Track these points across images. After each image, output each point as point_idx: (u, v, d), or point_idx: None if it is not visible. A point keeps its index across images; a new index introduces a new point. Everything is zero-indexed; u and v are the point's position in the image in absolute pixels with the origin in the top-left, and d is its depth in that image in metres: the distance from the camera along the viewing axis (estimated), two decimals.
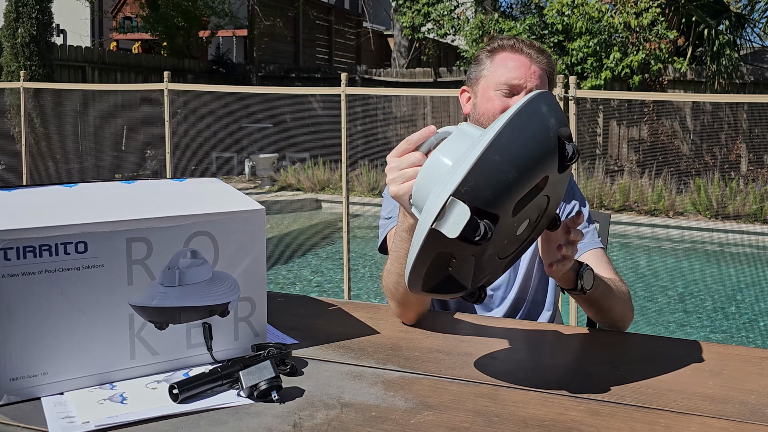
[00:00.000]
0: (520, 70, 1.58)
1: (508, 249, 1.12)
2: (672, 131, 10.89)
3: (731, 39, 10.64)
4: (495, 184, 0.98)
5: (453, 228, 0.97)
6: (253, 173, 11.67)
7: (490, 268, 1.11)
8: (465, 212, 0.97)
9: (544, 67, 1.60)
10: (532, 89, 1.55)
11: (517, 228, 1.08)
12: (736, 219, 8.68)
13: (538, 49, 1.62)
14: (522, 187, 1.00)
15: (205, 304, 1.17)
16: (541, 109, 1.01)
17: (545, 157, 1.01)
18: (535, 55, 1.60)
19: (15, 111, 9.51)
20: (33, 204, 1.13)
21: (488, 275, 1.13)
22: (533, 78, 1.58)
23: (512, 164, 0.99)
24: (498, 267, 1.14)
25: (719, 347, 1.43)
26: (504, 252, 1.12)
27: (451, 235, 0.97)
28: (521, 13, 11.77)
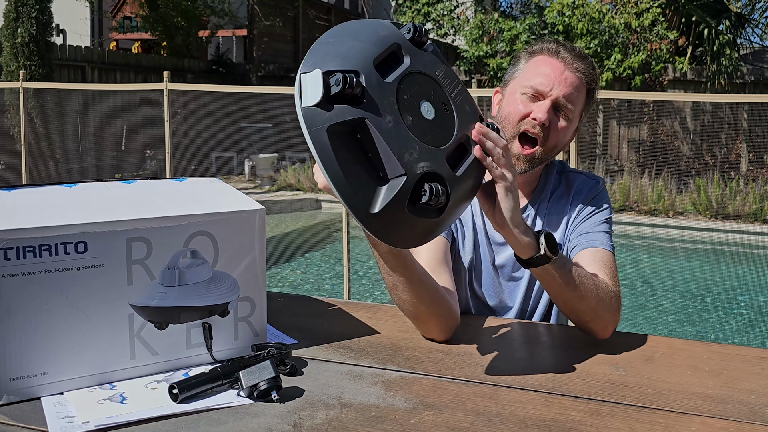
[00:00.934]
0: (551, 75, 1.50)
1: (425, 130, 1.08)
2: (672, 131, 10.89)
3: (731, 39, 10.64)
4: (329, 50, 1.06)
5: (313, 93, 1.01)
6: (252, 173, 11.67)
7: (406, 142, 1.05)
8: (316, 74, 1.01)
9: (582, 75, 1.51)
10: (558, 98, 1.48)
11: (417, 106, 1.09)
12: (736, 219, 8.68)
13: (579, 56, 1.53)
14: (361, 45, 1.07)
15: (205, 304, 1.17)
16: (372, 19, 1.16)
17: (369, 25, 1.13)
18: (572, 60, 1.51)
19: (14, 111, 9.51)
20: (33, 204, 1.13)
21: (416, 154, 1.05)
22: (563, 85, 1.49)
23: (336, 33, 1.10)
24: (425, 150, 1.07)
25: (719, 347, 1.43)
26: (419, 130, 1.07)
27: (315, 99, 1.00)
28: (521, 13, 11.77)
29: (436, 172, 1.07)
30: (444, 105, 1.14)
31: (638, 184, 9.40)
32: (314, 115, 1.00)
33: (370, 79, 1.04)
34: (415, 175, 1.04)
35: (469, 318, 1.52)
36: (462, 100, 1.17)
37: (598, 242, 1.51)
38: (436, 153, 1.09)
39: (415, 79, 1.11)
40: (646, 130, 10.94)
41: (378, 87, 1.05)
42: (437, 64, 1.16)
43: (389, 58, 1.10)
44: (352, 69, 1.03)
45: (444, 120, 1.13)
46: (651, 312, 5.57)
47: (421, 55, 1.14)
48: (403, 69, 1.10)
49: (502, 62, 10.61)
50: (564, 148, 1.58)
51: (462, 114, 1.16)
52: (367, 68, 1.05)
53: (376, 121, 1.02)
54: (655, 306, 5.75)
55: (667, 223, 8.71)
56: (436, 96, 1.13)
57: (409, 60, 1.11)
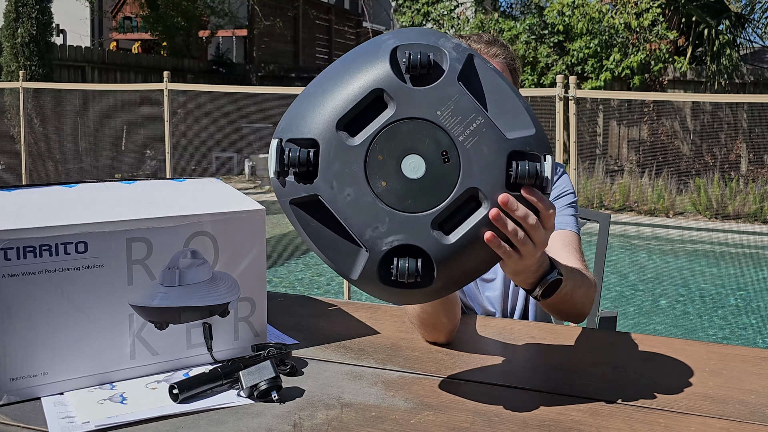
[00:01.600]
0: None
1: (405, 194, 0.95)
2: (672, 131, 10.89)
3: (731, 39, 10.64)
4: (299, 109, 0.97)
5: (271, 164, 0.97)
6: (253, 173, 11.67)
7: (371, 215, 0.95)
8: (273, 144, 0.96)
9: (501, 60, 1.52)
10: None
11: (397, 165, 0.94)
12: (736, 219, 8.68)
13: (489, 41, 1.53)
14: (330, 102, 0.95)
15: (205, 305, 1.17)
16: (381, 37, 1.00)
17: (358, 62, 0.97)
18: (486, 49, 1.52)
19: (14, 111, 9.51)
20: (33, 204, 1.13)
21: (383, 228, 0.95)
22: None
23: (317, 83, 0.98)
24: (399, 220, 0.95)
25: (719, 347, 1.43)
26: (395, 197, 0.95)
27: (271, 171, 0.97)
28: (521, 13, 11.77)
29: (412, 244, 0.95)
30: (444, 154, 0.95)
31: (638, 184, 9.40)
32: (277, 187, 0.98)
33: (328, 147, 0.95)
34: (379, 251, 0.95)
35: (469, 318, 1.52)
36: (478, 140, 0.95)
37: (564, 225, 1.54)
38: (417, 220, 0.94)
39: (401, 130, 0.95)
40: (646, 130, 10.94)
41: (338, 156, 0.95)
42: (444, 99, 0.95)
43: (370, 107, 0.96)
44: (310, 137, 0.95)
45: (440, 174, 0.95)
46: (651, 312, 5.57)
47: (418, 94, 0.95)
48: (380, 124, 0.95)
49: None
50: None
51: (473, 159, 0.95)
52: (327, 134, 0.95)
53: (329, 196, 0.95)
54: (655, 306, 5.75)
55: (667, 223, 8.71)
56: (433, 144, 0.95)
57: (393, 108, 0.95)
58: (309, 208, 0.97)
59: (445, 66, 0.96)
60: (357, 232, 0.95)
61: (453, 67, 0.96)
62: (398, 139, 0.95)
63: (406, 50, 0.96)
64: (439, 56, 0.96)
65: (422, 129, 0.95)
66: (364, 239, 0.95)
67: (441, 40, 0.98)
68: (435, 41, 0.98)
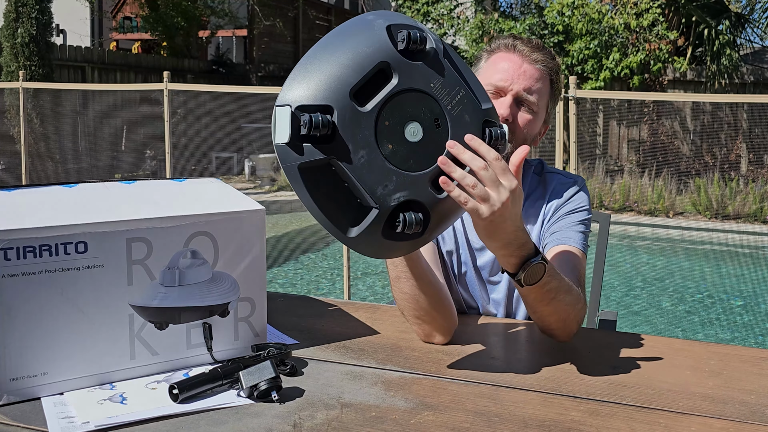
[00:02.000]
0: (509, 71, 1.48)
1: (408, 155, 1.06)
2: (672, 131, 10.89)
3: (731, 39, 10.64)
4: (305, 78, 1.03)
5: (281, 132, 1.02)
6: (253, 173, 11.67)
7: (381, 175, 1.05)
8: (283, 113, 1.02)
9: (542, 67, 1.50)
10: (518, 92, 1.47)
11: (401, 130, 1.06)
12: (736, 219, 8.68)
13: (536, 47, 1.51)
14: (339, 71, 1.03)
15: (205, 305, 1.17)
16: (366, 17, 1.09)
17: (356, 39, 1.06)
18: (529, 52, 1.49)
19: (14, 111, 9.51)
20: (33, 204, 1.13)
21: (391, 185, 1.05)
22: (522, 79, 1.47)
23: (316, 55, 1.05)
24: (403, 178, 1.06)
25: (719, 347, 1.43)
26: (399, 158, 1.06)
27: (283, 138, 1.02)
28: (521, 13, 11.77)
29: (414, 199, 1.07)
30: (436, 120, 1.08)
31: (638, 185, 9.40)
32: (285, 153, 1.03)
33: (343, 113, 1.03)
34: (388, 207, 1.06)
35: (469, 318, 1.52)
36: (461, 109, 1.10)
37: (569, 240, 1.48)
38: (418, 178, 1.07)
39: (402, 99, 1.06)
40: (646, 130, 10.94)
41: (352, 121, 1.03)
42: (433, 74, 1.08)
43: (375, 78, 1.06)
44: (325, 104, 1.02)
45: (435, 138, 1.08)
46: (651, 312, 5.57)
47: (414, 67, 1.07)
48: (386, 92, 1.05)
49: None
50: (535, 142, 1.54)
51: (458, 125, 1.10)
52: (342, 101, 1.03)
53: (346, 158, 1.03)
54: (655, 306, 5.75)
55: (667, 223, 8.71)
56: (428, 112, 1.08)
57: (396, 79, 1.06)
58: (316, 171, 1.04)
59: (430, 46, 1.09)
60: (370, 191, 1.04)
61: (438, 47, 1.10)
62: (401, 107, 1.06)
63: (400, 29, 1.07)
64: (427, 37, 1.09)
65: (419, 99, 1.08)
66: (375, 196, 1.05)
67: (420, 24, 1.11)
68: (416, 24, 1.10)
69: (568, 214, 1.54)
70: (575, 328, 1.31)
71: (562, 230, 1.50)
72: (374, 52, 1.05)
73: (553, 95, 1.54)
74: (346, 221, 1.07)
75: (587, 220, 1.54)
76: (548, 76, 1.51)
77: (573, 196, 1.56)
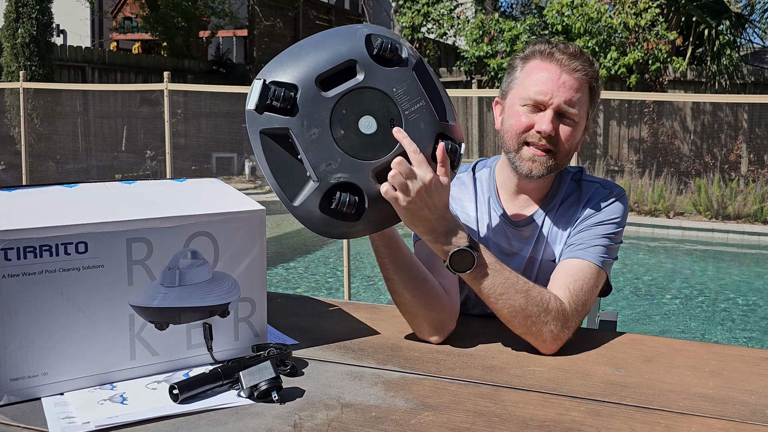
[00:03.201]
0: (547, 83, 1.42)
1: (356, 144, 1.18)
2: (672, 131, 10.89)
3: (731, 39, 10.64)
4: (284, 61, 1.19)
5: (252, 99, 1.16)
6: (253, 173, 11.67)
7: (327, 153, 1.17)
8: (257, 84, 1.16)
9: (581, 76, 1.43)
10: (559, 105, 1.42)
11: (356, 120, 1.18)
12: (736, 219, 8.68)
13: (573, 54, 1.44)
14: (313, 60, 1.17)
15: (206, 305, 1.17)
16: (356, 26, 1.23)
17: (338, 38, 1.20)
18: (567, 61, 1.42)
19: (15, 111, 9.51)
20: (33, 204, 1.13)
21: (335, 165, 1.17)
22: (562, 91, 1.41)
23: (301, 45, 1.21)
24: (347, 162, 1.18)
25: (719, 347, 1.43)
26: (348, 144, 1.17)
27: (251, 105, 1.16)
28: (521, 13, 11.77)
29: (353, 183, 1.19)
30: (392, 121, 1.20)
31: (638, 185, 9.40)
32: (252, 118, 1.17)
33: (306, 93, 1.17)
34: (327, 183, 1.17)
35: (469, 318, 1.52)
36: (419, 117, 1.21)
37: (583, 253, 1.42)
38: (362, 166, 1.18)
39: (363, 95, 1.19)
40: (646, 130, 10.94)
41: (312, 101, 1.17)
42: (398, 80, 1.20)
43: (343, 72, 1.19)
44: (292, 83, 1.17)
45: (387, 136, 1.19)
46: (651, 312, 5.57)
47: (381, 71, 1.20)
48: (350, 85, 1.18)
49: (503, 62, 10.61)
50: (576, 148, 1.51)
51: (412, 130, 1.20)
52: (307, 83, 1.17)
53: (299, 131, 1.16)
54: (655, 306, 5.75)
55: (668, 223, 8.71)
56: (385, 112, 1.20)
57: (362, 76, 1.19)
58: (274, 138, 1.17)
59: (403, 57, 1.22)
60: (313, 164, 1.17)
61: (410, 60, 1.23)
62: (361, 101, 1.19)
63: (377, 38, 1.21)
64: (401, 49, 1.22)
65: (380, 98, 1.20)
66: (318, 171, 1.17)
67: (401, 40, 1.24)
68: (398, 39, 1.23)
69: (595, 225, 1.47)
70: (549, 338, 1.29)
71: (581, 242, 1.45)
72: (347, 51, 1.19)
73: (593, 101, 1.49)
74: (294, 190, 1.18)
75: (614, 233, 1.47)
76: (587, 83, 1.46)
77: (606, 207, 1.49)
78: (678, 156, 10.79)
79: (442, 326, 1.34)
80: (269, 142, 1.17)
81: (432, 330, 1.33)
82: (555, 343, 1.30)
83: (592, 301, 1.41)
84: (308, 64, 1.18)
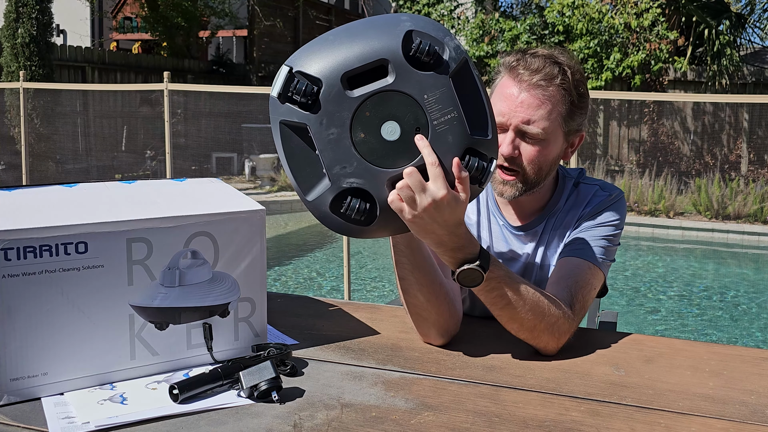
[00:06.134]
0: (505, 103, 1.39)
1: (376, 149, 1.11)
2: (672, 131, 10.89)
3: (732, 39, 10.64)
4: (315, 50, 1.13)
5: (276, 86, 1.12)
6: (253, 173, 11.67)
7: (343, 156, 1.11)
8: (283, 70, 1.11)
9: (540, 93, 1.38)
10: (517, 126, 1.38)
11: (378, 124, 1.11)
12: (736, 219, 8.68)
13: (536, 69, 1.38)
14: (343, 54, 1.10)
15: (206, 305, 1.17)
16: (400, 16, 1.14)
17: (376, 31, 1.12)
18: (528, 77, 1.38)
19: (15, 111, 9.51)
20: (33, 204, 1.13)
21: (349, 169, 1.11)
22: (519, 111, 1.37)
23: (337, 33, 1.14)
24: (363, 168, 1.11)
25: (719, 348, 1.43)
26: (367, 148, 1.11)
27: (274, 91, 1.12)
28: (522, 13, 11.77)
29: (366, 190, 1.13)
30: (417, 129, 1.12)
31: (638, 185, 9.39)
32: (274, 106, 1.13)
33: (330, 90, 1.10)
34: (339, 187, 1.12)
35: (469, 318, 1.51)
36: (447, 129, 1.12)
37: (582, 253, 1.41)
38: (377, 173, 1.12)
39: (391, 98, 1.11)
40: (646, 130, 10.94)
41: (335, 99, 1.10)
42: (432, 87, 1.11)
43: (374, 71, 1.11)
44: (317, 77, 1.10)
45: (409, 144, 1.12)
46: (651, 312, 5.57)
47: (414, 75, 1.11)
48: (378, 87, 1.11)
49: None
50: (566, 156, 1.49)
51: (438, 142, 1.12)
52: (333, 80, 1.10)
53: (317, 129, 1.11)
54: (655, 306, 5.75)
55: (668, 223, 8.71)
56: (412, 119, 1.11)
57: (392, 78, 1.10)
58: (294, 130, 1.13)
59: (443, 61, 1.12)
60: (327, 165, 1.12)
61: (449, 65, 1.12)
62: (387, 104, 1.11)
63: (418, 36, 1.11)
64: (442, 51, 1.12)
65: (408, 104, 1.11)
66: (331, 172, 1.12)
67: (446, 38, 1.13)
68: (442, 37, 1.13)
69: (595, 227, 1.46)
70: (551, 342, 1.29)
71: (580, 243, 1.45)
72: (381, 48, 1.11)
73: (572, 110, 1.42)
74: (310, 183, 1.14)
75: (613, 235, 1.46)
76: (556, 96, 1.39)
77: (605, 209, 1.48)
78: (678, 156, 10.79)
79: (448, 331, 1.33)
80: (289, 133, 1.12)
81: (438, 335, 1.33)
82: (556, 347, 1.30)
83: (591, 302, 1.40)
84: (337, 58, 1.10)
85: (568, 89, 1.41)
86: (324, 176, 1.12)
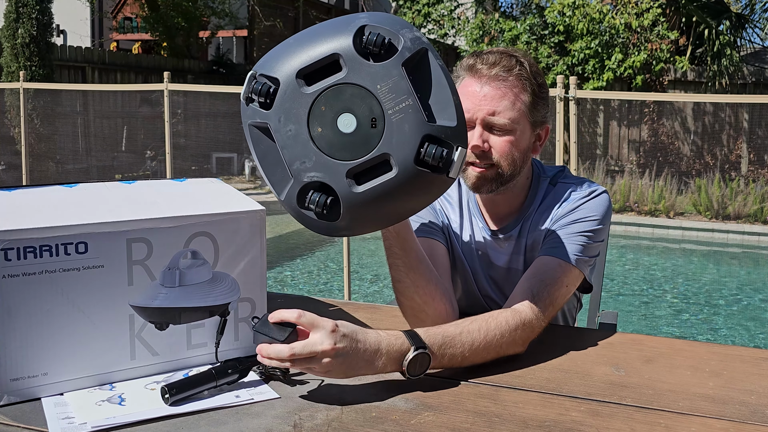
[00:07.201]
0: (469, 99, 1.39)
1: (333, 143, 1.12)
2: (672, 131, 10.89)
3: (732, 39, 10.64)
4: (276, 52, 1.16)
5: (243, 90, 1.15)
6: (253, 174, 11.67)
7: (302, 151, 1.12)
8: (249, 75, 1.15)
9: (501, 84, 1.39)
10: (484, 119, 1.39)
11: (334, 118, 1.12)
12: (736, 219, 8.68)
13: (494, 62, 1.41)
14: (299, 53, 1.13)
15: (206, 305, 1.17)
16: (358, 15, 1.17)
17: (333, 30, 1.14)
18: (487, 71, 1.40)
19: (15, 111, 9.51)
20: (33, 204, 1.13)
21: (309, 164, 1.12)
22: (484, 104, 1.39)
23: (298, 36, 1.17)
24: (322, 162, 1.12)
25: (719, 348, 1.43)
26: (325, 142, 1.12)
27: (242, 95, 1.16)
28: (522, 14, 11.77)
29: (326, 183, 1.13)
30: (373, 120, 1.12)
31: (638, 185, 9.39)
32: (243, 109, 1.16)
33: (285, 88, 1.13)
34: (300, 182, 1.13)
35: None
36: (403, 117, 1.11)
37: (554, 251, 1.40)
38: (336, 166, 1.12)
39: (345, 91, 1.12)
40: (646, 130, 10.94)
41: (290, 97, 1.13)
42: (384, 77, 1.11)
43: (327, 67, 1.13)
44: (275, 77, 1.13)
45: (367, 136, 1.12)
46: (651, 312, 5.57)
47: (366, 66, 1.12)
48: (331, 81, 1.12)
49: None
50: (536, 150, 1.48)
51: (395, 131, 1.11)
52: (288, 78, 1.13)
53: (276, 126, 1.13)
54: (655, 306, 5.75)
55: (668, 223, 8.71)
56: (367, 110, 1.12)
57: (344, 72, 1.12)
58: (262, 131, 1.15)
59: (396, 50, 1.13)
60: (288, 161, 1.14)
61: (402, 54, 1.13)
62: (341, 97, 1.13)
63: (370, 30, 1.13)
64: (396, 42, 1.13)
65: (362, 95, 1.13)
66: (292, 168, 1.13)
67: (403, 30, 1.14)
68: (398, 29, 1.14)
69: (570, 224, 1.44)
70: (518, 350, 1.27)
71: (554, 241, 1.43)
72: (334, 45, 1.13)
73: (535, 100, 1.43)
74: (282, 184, 1.16)
75: (591, 231, 1.43)
76: (517, 86, 1.41)
77: (581, 205, 1.46)
78: (678, 156, 10.79)
79: (439, 316, 1.34)
80: (258, 134, 1.15)
81: (429, 319, 1.33)
82: (524, 350, 1.29)
83: (563, 300, 1.38)
84: (293, 58, 1.14)
85: (528, 78, 1.42)
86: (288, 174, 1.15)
